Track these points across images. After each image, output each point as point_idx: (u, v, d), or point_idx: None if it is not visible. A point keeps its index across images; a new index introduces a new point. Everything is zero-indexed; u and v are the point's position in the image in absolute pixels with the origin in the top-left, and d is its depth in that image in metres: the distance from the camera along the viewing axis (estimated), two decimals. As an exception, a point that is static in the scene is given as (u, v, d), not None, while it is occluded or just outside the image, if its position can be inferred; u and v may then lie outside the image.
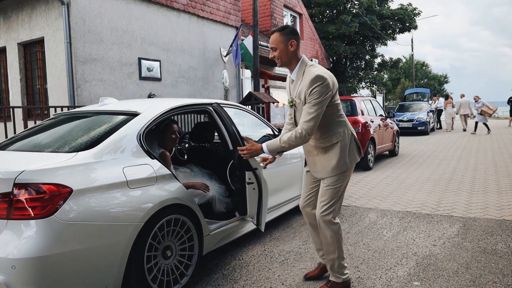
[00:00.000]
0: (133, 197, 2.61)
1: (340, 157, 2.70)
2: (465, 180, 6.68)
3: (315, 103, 2.56)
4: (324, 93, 2.57)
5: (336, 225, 2.77)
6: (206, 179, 3.80)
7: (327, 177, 2.74)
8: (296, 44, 2.70)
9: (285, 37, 2.68)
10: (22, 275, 2.16)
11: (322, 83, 2.57)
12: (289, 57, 2.71)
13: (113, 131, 2.84)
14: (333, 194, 2.73)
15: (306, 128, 2.58)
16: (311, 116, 2.57)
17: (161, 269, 2.79)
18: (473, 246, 3.67)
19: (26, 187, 2.25)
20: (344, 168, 2.72)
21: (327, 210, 2.73)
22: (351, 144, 2.76)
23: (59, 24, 7.72)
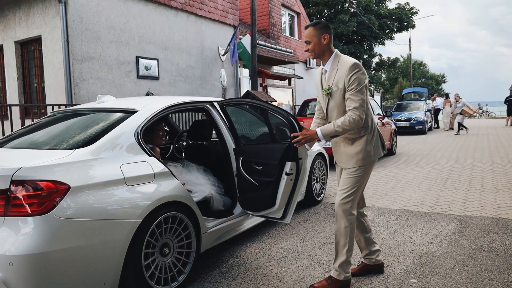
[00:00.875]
0: (131, 194, 2.62)
1: (365, 149, 2.80)
2: (462, 179, 6.71)
3: (359, 89, 2.68)
4: (363, 80, 2.70)
5: (353, 216, 2.82)
6: (200, 174, 3.80)
7: (350, 167, 2.83)
8: (329, 38, 2.82)
9: (318, 31, 2.81)
10: (19, 272, 2.15)
11: (360, 70, 2.70)
12: (322, 50, 2.83)
13: (111, 128, 2.85)
14: (354, 183, 2.81)
15: (359, 113, 2.67)
16: (359, 102, 2.66)
17: (158, 266, 2.79)
18: (470, 243, 3.68)
19: (24, 183, 2.25)
20: (367, 160, 2.81)
21: (346, 198, 2.80)
22: (376, 138, 2.86)
23: (57, 22, 7.70)
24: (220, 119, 3.78)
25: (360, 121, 2.68)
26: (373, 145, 2.83)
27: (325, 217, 4.75)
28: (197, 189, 3.63)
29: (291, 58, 16.52)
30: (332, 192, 6.08)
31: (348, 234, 2.80)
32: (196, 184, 3.67)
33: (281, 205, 3.32)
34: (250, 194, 3.50)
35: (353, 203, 2.82)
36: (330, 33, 2.84)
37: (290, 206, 3.34)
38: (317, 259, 3.46)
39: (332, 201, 5.53)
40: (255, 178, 3.42)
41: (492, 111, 39.91)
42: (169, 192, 2.86)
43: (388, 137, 9.96)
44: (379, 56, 29.23)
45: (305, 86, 18.93)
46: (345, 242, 2.81)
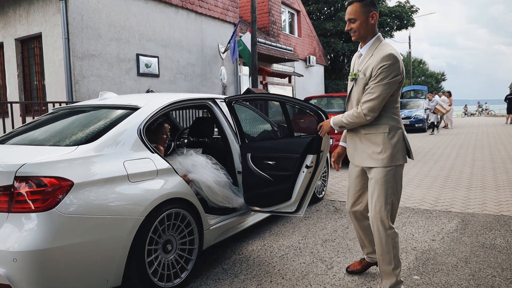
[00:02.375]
0: (134, 191, 2.61)
1: (383, 149, 2.49)
2: (463, 176, 6.71)
3: (382, 83, 2.39)
4: (392, 74, 2.39)
5: (392, 229, 2.54)
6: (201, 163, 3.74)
7: (373, 170, 2.54)
8: (377, 17, 2.52)
9: (366, 8, 2.49)
10: (23, 268, 2.15)
11: (394, 62, 2.38)
12: (367, 31, 2.53)
13: (114, 125, 2.84)
14: (385, 190, 2.50)
15: (364, 108, 2.43)
16: (373, 96, 2.40)
17: (161, 263, 2.79)
18: (472, 240, 3.69)
19: (27, 180, 2.25)
20: (383, 163, 2.49)
21: (380, 210, 2.51)
22: (399, 141, 2.52)
23: (57, 20, 7.68)
24: (222, 116, 3.77)
25: (363, 117, 2.44)
26: (395, 147, 2.50)
27: (326, 214, 4.75)
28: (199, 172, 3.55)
29: (291, 56, 16.50)
30: (333, 190, 6.08)
31: (392, 250, 2.53)
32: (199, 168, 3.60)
33: (297, 199, 3.36)
34: (261, 189, 3.50)
35: (388, 213, 2.53)
36: (378, 12, 2.53)
37: (305, 199, 3.39)
38: (319, 256, 3.46)
39: (334, 198, 5.53)
40: (269, 173, 3.43)
41: (491, 109, 39.94)
42: (172, 189, 2.86)
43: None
44: (379, 54, 29.19)
45: (305, 83, 18.92)
46: (390, 260, 2.53)
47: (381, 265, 2.59)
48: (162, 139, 3.62)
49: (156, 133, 3.57)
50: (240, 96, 3.83)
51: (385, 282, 2.59)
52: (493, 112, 39.08)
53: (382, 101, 2.43)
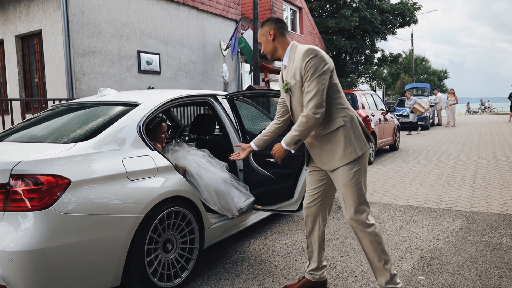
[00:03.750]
0: (133, 189, 2.56)
1: (345, 143, 2.41)
2: (467, 175, 6.64)
3: (315, 77, 2.34)
4: (321, 65, 2.35)
5: (372, 226, 2.45)
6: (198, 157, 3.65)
7: (338, 171, 2.45)
8: (275, 33, 2.54)
9: (263, 30, 2.58)
10: (19, 268, 2.10)
11: (316, 55, 2.36)
12: (273, 47, 2.57)
13: (112, 121, 2.78)
14: (355, 191, 2.43)
15: (310, 107, 2.33)
16: (313, 93, 2.33)
17: (161, 262, 2.74)
18: (478, 240, 3.62)
19: (23, 178, 2.19)
20: (353, 155, 2.41)
21: (357, 212, 2.43)
22: (356, 129, 2.45)
23: (57, 16, 7.63)
24: (224, 113, 3.71)
25: (313, 117, 2.33)
26: (354, 137, 2.43)
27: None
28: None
29: (293, 53, 16.41)
30: (336, 188, 6.01)
31: (377, 247, 2.44)
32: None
33: (299, 197, 3.30)
34: (263, 187, 3.44)
35: (365, 212, 2.44)
36: (278, 28, 2.55)
37: None
38: (322, 255, 3.40)
39: (336, 196, 5.46)
40: (271, 171, 3.37)
41: (494, 107, 39.76)
42: (172, 187, 2.80)
43: (391, 133, 9.89)
44: (381, 51, 29.07)
45: (307, 81, 18.82)
46: (379, 257, 2.45)
47: (372, 264, 2.50)
48: (160, 138, 3.54)
49: (154, 132, 3.50)
50: (242, 93, 3.77)
51: (380, 279, 2.49)
52: (496, 110, 38.90)
53: (322, 94, 2.35)
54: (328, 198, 2.73)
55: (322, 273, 2.76)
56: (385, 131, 9.31)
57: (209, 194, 3.21)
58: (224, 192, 3.26)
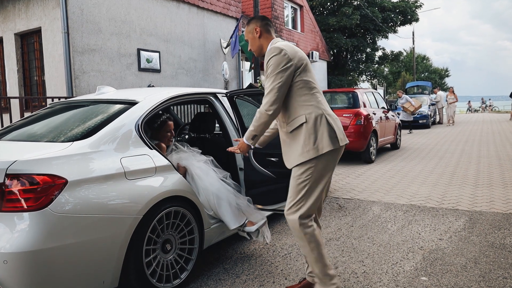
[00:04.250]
0: (131, 189, 2.51)
1: (304, 142, 2.37)
2: (469, 173, 6.59)
3: (272, 75, 2.35)
4: (280, 64, 2.35)
5: (309, 228, 2.39)
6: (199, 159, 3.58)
7: (293, 167, 2.43)
8: (261, 30, 2.57)
9: (249, 28, 2.60)
10: (14, 270, 2.06)
11: (278, 53, 2.36)
12: (258, 44, 2.60)
13: (111, 120, 2.74)
14: (299, 189, 2.38)
15: (264, 104, 2.36)
16: (268, 90, 2.36)
17: (160, 263, 2.70)
18: (481, 240, 3.57)
19: (19, 177, 2.15)
20: (309, 155, 2.35)
21: (292, 208, 2.40)
22: (320, 128, 2.38)
23: (57, 14, 7.58)
24: (224, 111, 3.67)
25: (264, 113, 2.36)
26: (315, 137, 2.36)
27: (330, 212, 4.65)
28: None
29: (294, 51, 16.34)
30: (337, 186, 5.97)
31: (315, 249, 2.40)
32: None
33: None
34: (264, 187, 3.39)
35: (301, 211, 2.37)
36: (263, 24, 2.56)
37: None
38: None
39: (337, 195, 5.43)
40: (271, 170, 3.32)
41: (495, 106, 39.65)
42: (171, 186, 2.75)
43: (393, 131, 9.84)
44: (382, 49, 28.97)
45: (308, 79, 18.76)
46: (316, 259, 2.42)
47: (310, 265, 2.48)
48: (165, 137, 3.47)
49: (159, 131, 3.44)
50: (242, 91, 3.71)
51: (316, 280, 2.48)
52: (497, 108, 38.79)
53: (278, 92, 2.35)
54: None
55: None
56: (386, 129, 9.26)
57: (207, 198, 3.13)
58: (222, 202, 3.13)
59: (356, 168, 7.63)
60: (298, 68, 2.41)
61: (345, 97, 9.16)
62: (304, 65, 2.44)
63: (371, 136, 8.13)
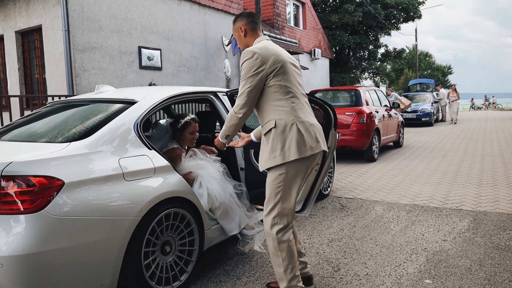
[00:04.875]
0: (130, 190, 2.47)
1: (272, 147, 2.35)
2: (473, 172, 6.52)
3: (243, 79, 2.36)
4: (252, 68, 2.33)
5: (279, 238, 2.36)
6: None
7: (267, 173, 2.42)
8: (246, 28, 2.55)
9: (235, 26, 2.59)
10: (10, 273, 2.02)
11: (250, 57, 2.35)
12: (245, 43, 2.57)
13: (109, 120, 2.69)
14: (273, 195, 2.37)
15: (235, 106, 2.39)
16: (239, 93, 2.38)
17: (159, 265, 2.65)
18: (486, 241, 3.52)
19: (15, 179, 2.10)
20: (275, 161, 2.33)
21: (268, 215, 2.39)
22: (289, 135, 2.33)
23: (57, 12, 7.53)
24: (225, 110, 3.62)
25: (234, 115, 2.39)
26: (283, 143, 2.33)
27: (332, 212, 4.60)
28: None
29: (296, 48, 16.28)
30: (339, 186, 5.92)
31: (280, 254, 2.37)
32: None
33: (302, 197, 3.20)
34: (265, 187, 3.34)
35: (275, 219, 2.36)
36: (249, 22, 2.54)
37: (311, 198, 3.22)
38: (325, 256, 3.31)
39: (340, 195, 5.38)
40: None
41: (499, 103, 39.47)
42: (171, 188, 2.71)
43: (395, 129, 9.77)
44: (384, 47, 28.83)
45: (310, 77, 18.70)
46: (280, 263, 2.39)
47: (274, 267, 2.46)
48: (187, 139, 3.40)
49: (182, 131, 3.37)
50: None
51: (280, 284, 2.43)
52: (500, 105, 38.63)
53: (247, 97, 2.35)
54: None
55: (302, 268, 2.68)
56: (389, 127, 9.19)
57: (214, 208, 3.09)
58: (227, 214, 3.11)
59: (358, 166, 7.58)
60: (272, 72, 2.36)
61: (347, 95, 9.09)
62: (279, 69, 2.37)
63: (373, 134, 8.06)
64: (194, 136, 3.41)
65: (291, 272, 2.40)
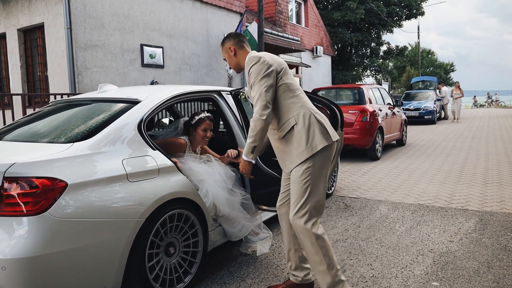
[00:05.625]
0: (134, 191, 2.43)
1: (298, 143, 2.37)
2: (478, 171, 6.48)
3: (256, 82, 2.38)
4: (261, 71, 2.38)
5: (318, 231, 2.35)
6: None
7: (293, 171, 2.41)
8: (235, 47, 2.62)
9: (224, 47, 2.67)
10: (13, 276, 1.99)
11: (257, 61, 2.40)
12: (236, 61, 2.65)
13: (112, 120, 2.65)
14: (300, 190, 2.36)
15: (256, 111, 2.34)
16: (256, 97, 2.35)
17: (163, 267, 2.62)
18: (493, 242, 3.48)
19: (17, 181, 2.07)
20: (303, 155, 2.35)
21: (298, 213, 2.36)
22: (311, 126, 2.38)
23: (59, 9, 7.50)
24: (229, 109, 3.58)
25: (259, 120, 2.31)
26: (308, 136, 2.36)
27: (336, 211, 4.56)
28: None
29: (298, 46, 16.21)
30: (343, 185, 5.88)
31: (320, 250, 2.34)
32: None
33: None
34: (268, 188, 3.30)
35: (308, 216, 2.34)
36: (237, 42, 2.62)
37: None
38: (331, 258, 3.27)
39: (343, 194, 5.34)
40: (277, 171, 3.24)
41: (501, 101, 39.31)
42: (175, 188, 2.67)
43: (398, 128, 9.72)
44: (387, 44, 28.72)
45: (312, 75, 18.64)
46: (321, 260, 2.35)
47: (313, 268, 2.43)
48: (199, 135, 3.36)
49: (195, 128, 3.33)
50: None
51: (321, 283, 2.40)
52: (503, 103, 38.46)
53: (266, 96, 2.35)
54: None
55: (304, 275, 2.67)
56: (392, 126, 9.14)
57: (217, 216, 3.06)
58: (230, 223, 3.09)
59: (361, 165, 7.54)
60: (279, 72, 2.45)
61: (350, 93, 9.03)
62: (283, 69, 2.48)
63: (377, 133, 8.02)
64: (207, 134, 3.38)
65: (334, 267, 2.38)
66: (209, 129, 3.39)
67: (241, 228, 3.11)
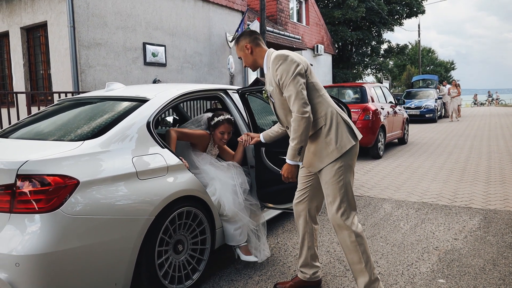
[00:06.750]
0: (143, 189, 2.45)
1: (328, 143, 2.38)
2: (480, 170, 6.50)
3: (289, 80, 2.33)
4: (291, 68, 2.34)
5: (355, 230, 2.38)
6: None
7: (323, 171, 2.42)
8: (251, 45, 2.60)
9: (240, 45, 2.65)
10: (26, 272, 2.01)
11: (285, 60, 2.37)
12: (252, 59, 2.64)
13: (121, 118, 2.67)
14: (336, 189, 2.38)
15: (296, 110, 2.29)
16: (293, 96, 2.30)
17: (172, 264, 2.65)
18: (498, 240, 3.50)
19: (30, 178, 2.09)
20: (335, 154, 2.37)
21: (338, 212, 2.38)
22: (338, 126, 2.40)
23: (62, 8, 7.50)
24: (235, 108, 3.60)
25: (302, 118, 2.28)
26: (336, 135, 2.38)
27: (341, 209, 4.58)
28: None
29: (299, 44, 16.22)
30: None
31: (359, 247, 2.38)
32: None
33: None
34: (276, 185, 3.32)
35: (346, 214, 2.38)
36: (253, 40, 2.60)
37: None
38: (336, 255, 3.30)
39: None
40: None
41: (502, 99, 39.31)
42: (184, 186, 2.69)
43: (400, 126, 9.74)
44: (387, 42, 28.71)
45: (313, 73, 18.62)
46: (359, 258, 2.38)
47: (351, 266, 2.45)
48: (217, 137, 3.36)
49: (214, 129, 3.33)
50: (254, 88, 3.63)
51: (359, 281, 2.41)
52: (504, 101, 38.47)
53: (302, 94, 2.32)
54: (317, 196, 2.65)
55: (313, 273, 2.70)
56: (394, 124, 9.16)
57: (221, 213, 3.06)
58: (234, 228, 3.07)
59: (364, 164, 7.56)
60: (306, 71, 2.43)
61: (352, 92, 9.06)
62: (309, 68, 2.46)
63: (379, 131, 8.04)
64: (224, 137, 3.36)
65: (371, 265, 2.41)
66: (227, 132, 3.36)
67: (240, 232, 3.10)
